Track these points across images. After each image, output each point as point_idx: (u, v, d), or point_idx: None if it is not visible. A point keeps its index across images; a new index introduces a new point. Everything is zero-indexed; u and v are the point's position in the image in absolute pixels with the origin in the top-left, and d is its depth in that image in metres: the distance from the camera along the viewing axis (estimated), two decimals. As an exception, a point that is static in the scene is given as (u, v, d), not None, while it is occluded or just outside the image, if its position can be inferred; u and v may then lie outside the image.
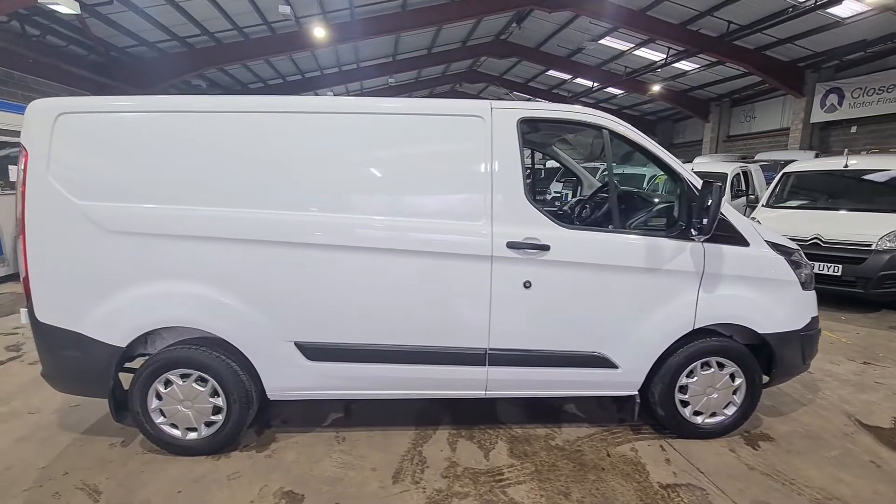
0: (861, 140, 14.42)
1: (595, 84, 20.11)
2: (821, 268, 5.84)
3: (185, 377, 2.77)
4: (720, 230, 2.81)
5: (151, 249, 2.65)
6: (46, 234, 2.62)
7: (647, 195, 4.00)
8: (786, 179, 7.42)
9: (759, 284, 2.96)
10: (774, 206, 7.15)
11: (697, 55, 14.67)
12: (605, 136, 2.89)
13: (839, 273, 5.81)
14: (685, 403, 3.04)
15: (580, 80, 20.43)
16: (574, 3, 12.88)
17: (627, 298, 2.86)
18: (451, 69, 22.40)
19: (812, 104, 15.11)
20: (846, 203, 6.55)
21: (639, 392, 3.05)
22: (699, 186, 2.79)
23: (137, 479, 2.65)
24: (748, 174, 9.96)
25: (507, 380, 2.92)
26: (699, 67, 16.38)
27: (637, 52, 16.24)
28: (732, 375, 3.03)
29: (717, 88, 18.65)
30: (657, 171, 10.12)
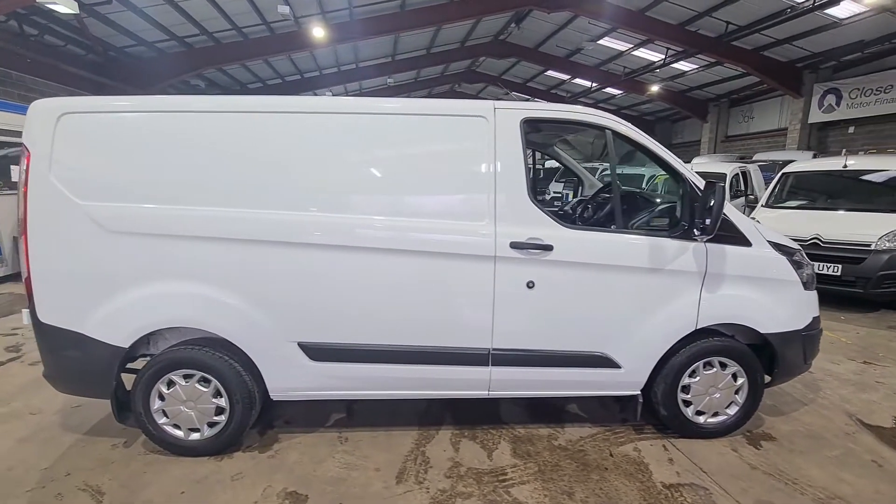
0: (859, 140, 14.47)
1: (594, 84, 20.14)
2: (820, 268, 5.85)
3: (188, 378, 2.77)
4: (722, 230, 2.82)
5: (154, 250, 2.64)
6: (49, 235, 2.61)
7: (649, 195, 4.01)
8: (785, 180, 7.44)
9: (762, 284, 2.97)
10: (774, 207, 7.17)
11: (696, 55, 14.70)
12: (608, 137, 2.90)
13: (839, 273, 5.84)
14: (688, 403, 3.05)
15: (579, 81, 20.45)
16: (573, 4, 12.90)
17: (630, 298, 2.87)
18: (450, 69, 22.40)
19: (810, 104, 15.16)
20: (845, 203, 6.58)
21: (641, 392, 3.05)
22: (702, 187, 2.80)
23: (140, 480, 2.64)
24: (747, 174, 9.98)
25: (511, 380, 2.92)
26: (698, 68, 16.42)
27: (636, 53, 16.27)
28: (735, 375, 3.04)
29: (716, 89, 18.70)
30: (656, 171, 10.18)
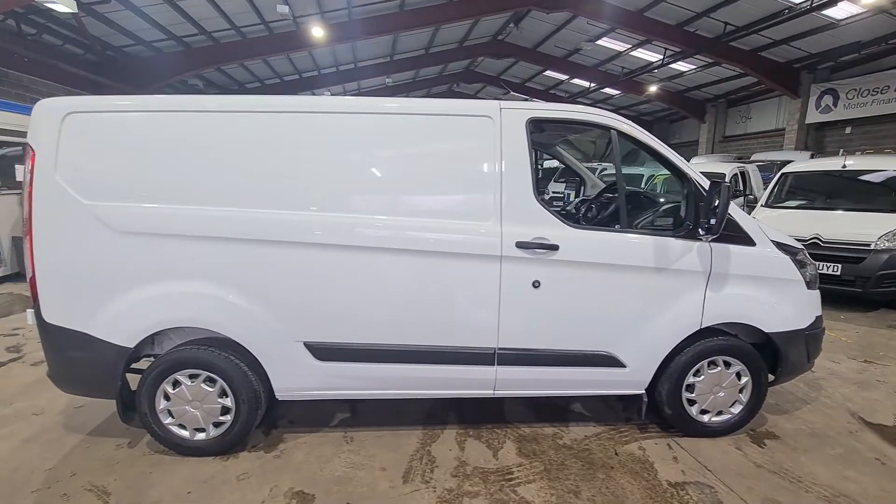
0: (855, 141, 14.54)
1: (592, 84, 20.19)
2: (820, 267, 5.88)
3: (194, 377, 2.76)
4: (727, 230, 2.83)
5: (159, 249, 2.64)
6: (54, 235, 2.60)
7: (653, 195, 4.02)
8: (784, 179, 7.48)
9: (766, 284, 2.98)
10: (773, 206, 7.21)
11: (694, 56, 14.75)
12: (613, 137, 2.90)
13: (838, 272, 5.87)
14: (692, 402, 3.06)
15: (577, 81, 20.50)
16: (572, 4, 12.93)
17: (635, 298, 2.88)
18: (449, 69, 22.40)
19: (807, 105, 15.24)
20: (844, 203, 6.62)
21: (646, 391, 3.06)
22: (706, 186, 2.81)
23: (146, 481, 2.64)
24: (746, 174, 10.01)
25: (516, 379, 2.93)
26: (696, 68, 16.47)
27: (634, 53, 16.32)
28: (739, 374, 3.05)
29: (714, 89, 18.77)
30: (655, 171, 10.20)
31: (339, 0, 12.39)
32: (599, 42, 15.53)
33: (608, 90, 20.77)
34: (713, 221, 2.71)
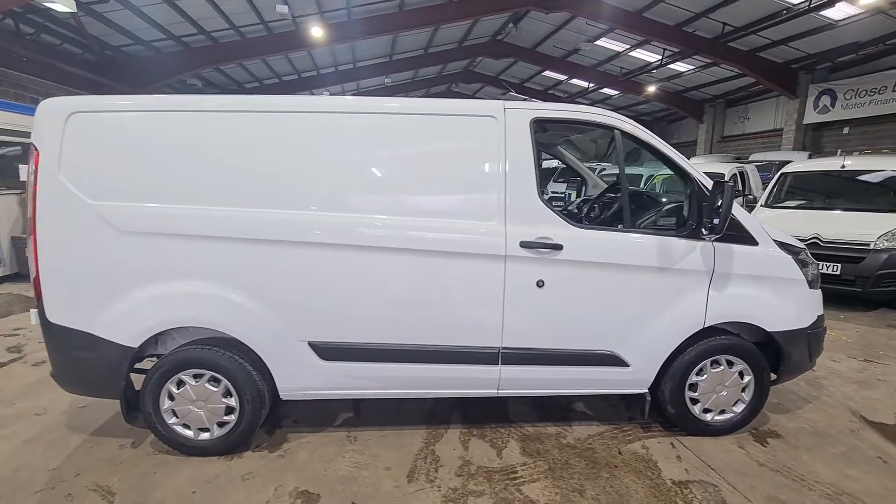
0: (853, 141, 14.60)
1: (591, 85, 20.21)
2: (820, 267, 5.90)
3: (198, 377, 2.76)
4: (730, 229, 2.83)
5: (164, 249, 2.63)
6: (58, 235, 2.60)
7: (655, 195, 4.03)
8: (783, 179, 7.50)
9: (768, 283, 3.00)
10: (773, 206, 7.23)
11: (692, 56, 14.78)
12: (617, 137, 2.91)
13: (838, 272, 5.89)
14: (695, 401, 3.07)
15: (576, 81, 20.52)
16: (571, 4, 12.95)
17: (639, 297, 2.88)
18: (448, 69, 22.41)
19: (805, 105, 15.29)
20: (844, 203, 6.65)
21: (649, 390, 3.07)
22: (709, 186, 2.82)
23: (150, 481, 2.63)
24: (744, 174, 10.04)
25: (520, 378, 2.93)
26: (694, 69, 16.50)
27: (633, 53, 16.34)
28: (741, 373, 3.06)
29: (712, 89, 18.81)
30: (654, 171, 10.23)
31: (339, 0, 12.39)
32: (598, 42, 15.55)
33: (607, 90, 20.79)
34: (716, 221, 2.72)
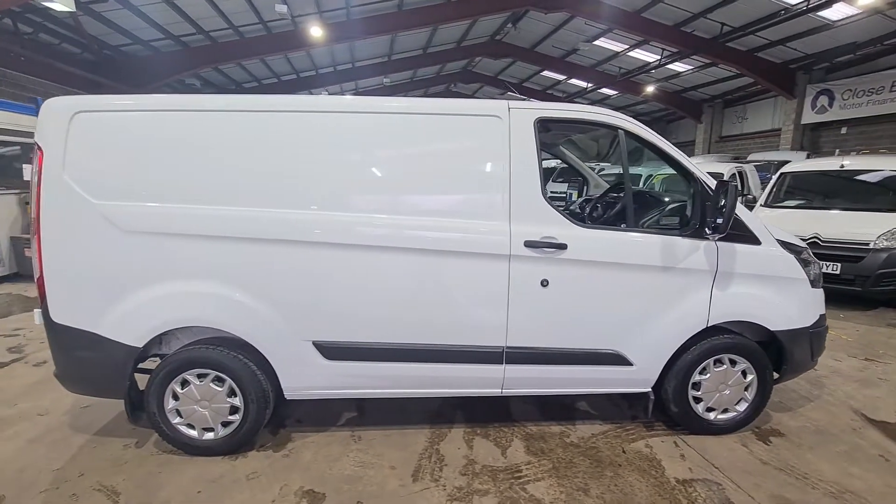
0: (851, 141, 14.66)
1: (589, 85, 20.25)
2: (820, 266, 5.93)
3: (203, 377, 2.76)
4: (733, 229, 2.84)
5: (169, 249, 2.63)
6: (62, 235, 2.59)
7: (658, 194, 4.04)
8: (783, 179, 7.53)
9: (771, 282, 3.01)
10: (772, 206, 7.25)
11: (691, 56, 14.83)
12: (621, 136, 2.92)
13: (837, 271, 5.91)
14: (698, 400, 3.08)
15: (575, 81, 20.56)
16: (570, 4, 12.97)
17: (643, 297, 2.89)
18: (446, 69, 22.42)
19: (803, 105, 15.35)
20: (843, 203, 6.67)
21: (652, 389, 3.08)
22: (713, 186, 2.83)
23: (155, 480, 2.63)
24: (743, 174, 10.08)
25: (524, 378, 2.94)
26: (692, 69, 16.55)
27: (631, 54, 16.38)
28: (744, 372, 3.07)
29: (710, 89, 18.87)
30: (653, 171, 10.25)
31: (338, 0, 12.38)
32: (597, 42, 15.59)
33: (605, 90, 20.84)
34: (720, 221, 2.72)
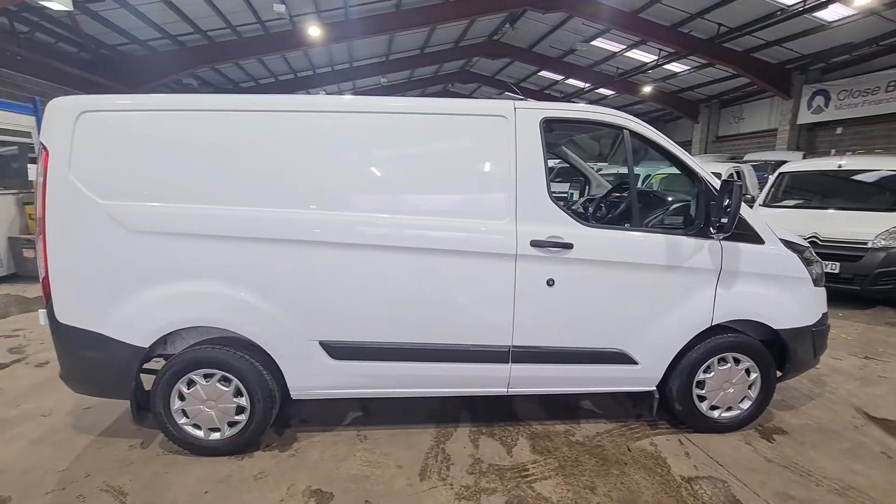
0: (846, 141, 14.73)
1: (587, 85, 20.28)
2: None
3: (209, 377, 2.75)
4: (737, 228, 2.86)
5: (174, 249, 2.62)
6: (68, 235, 2.58)
7: (662, 194, 4.06)
8: (781, 179, 7.57)
9: (774, 281, 3.03)
10: (771, 206, 7.29)
11: (688, 57, 14.87)
12: (626, 136, 2.93)
13: (836, 271, 5.95)
14: (702, 398, 3.10)
15: (572, 81, 20.57)
16: (568, 5, 12.98)
17: (648, 296, 2.91)
18: (444, 69, 22.40)
19: (799, 105, 15.40)
20: (841, 202, 6.71)
21: (657, 387, 3.09)
22: (717, 186, 2.85)
23: (162, 481, 2.62)
24: (741, 174, 10.12)
25: (530, 377, 2.95)
26: (689, 69, 16.59)
27: (629, 54, 16.40)
28: (748, 370, 3.09)
29: (707, 90, 18.91)
30: (653, 170, 10.29)
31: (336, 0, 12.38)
32: (594, 43, 15.62)
33: (603, 90, 20.86)
34: (724, 220, 2.74)
